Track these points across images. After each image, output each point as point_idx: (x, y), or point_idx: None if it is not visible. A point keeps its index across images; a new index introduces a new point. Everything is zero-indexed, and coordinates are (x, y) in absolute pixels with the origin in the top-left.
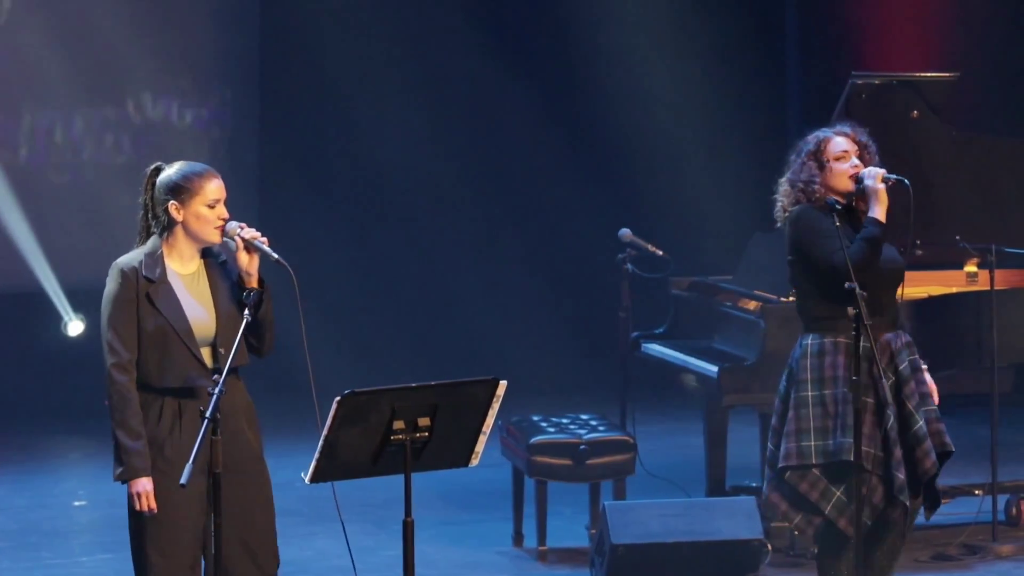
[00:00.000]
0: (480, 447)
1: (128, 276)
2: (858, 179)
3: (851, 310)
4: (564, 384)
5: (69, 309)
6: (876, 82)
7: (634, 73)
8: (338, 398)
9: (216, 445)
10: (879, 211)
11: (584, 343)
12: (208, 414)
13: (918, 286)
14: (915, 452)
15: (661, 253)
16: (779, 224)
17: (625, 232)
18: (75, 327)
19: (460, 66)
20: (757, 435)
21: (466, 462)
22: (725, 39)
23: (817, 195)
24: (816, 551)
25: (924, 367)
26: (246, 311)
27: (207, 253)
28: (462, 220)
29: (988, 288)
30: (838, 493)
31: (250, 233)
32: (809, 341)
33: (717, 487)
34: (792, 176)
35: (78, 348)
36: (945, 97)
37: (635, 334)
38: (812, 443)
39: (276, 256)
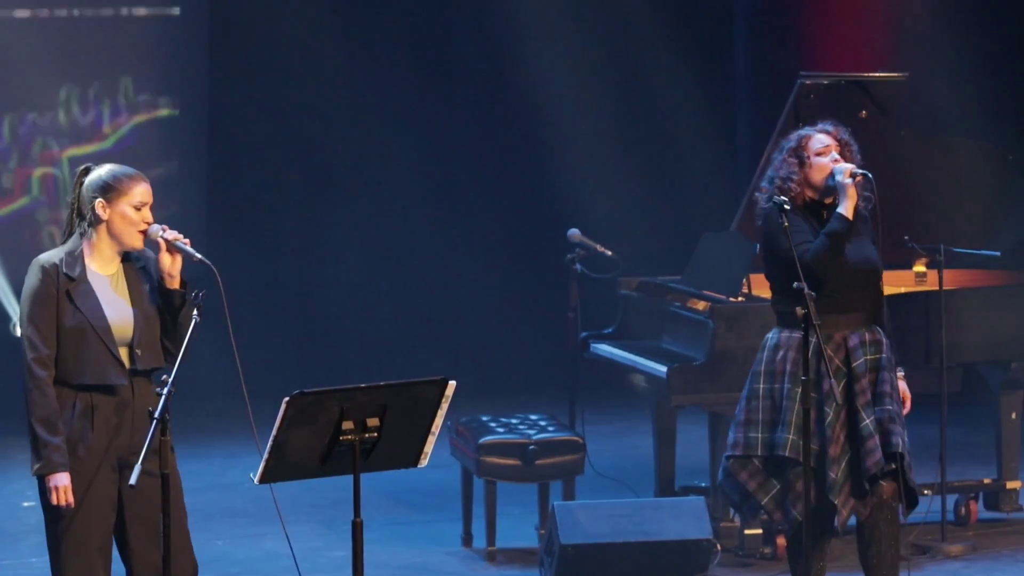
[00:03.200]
0: (429, 447)
1: (48, 272)
2: (830, 174)
3: (799, 309)
4: (513, 384)
5: (18, 309)
6: (825, 82)
7: (582, 73)
8: (287, 398)
9: (165, 446)
10: (846, 206)
11: (533, 343)
12: (157, 414)
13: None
14: (859, 450)
15: (610, 253)
16: (759, 222)
17: (574, 232)
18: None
19: (407, 68)
20: (706, 435)
21: (415, 462)
22: (673, 39)
23: (792, 192)
24: (766, 552)
25: (899, 371)
26: (194, 309)
27: (127, 257)
28: (409, 221)
29: (937, 288)
30: (777, 486)
31: (172, 234)
32: (771, 335)
33: (666, 487)
34: (771, 173)
35: None
36: (894, 97)
37: (584, 334)
38: (759, 435)
39: (199, 256)
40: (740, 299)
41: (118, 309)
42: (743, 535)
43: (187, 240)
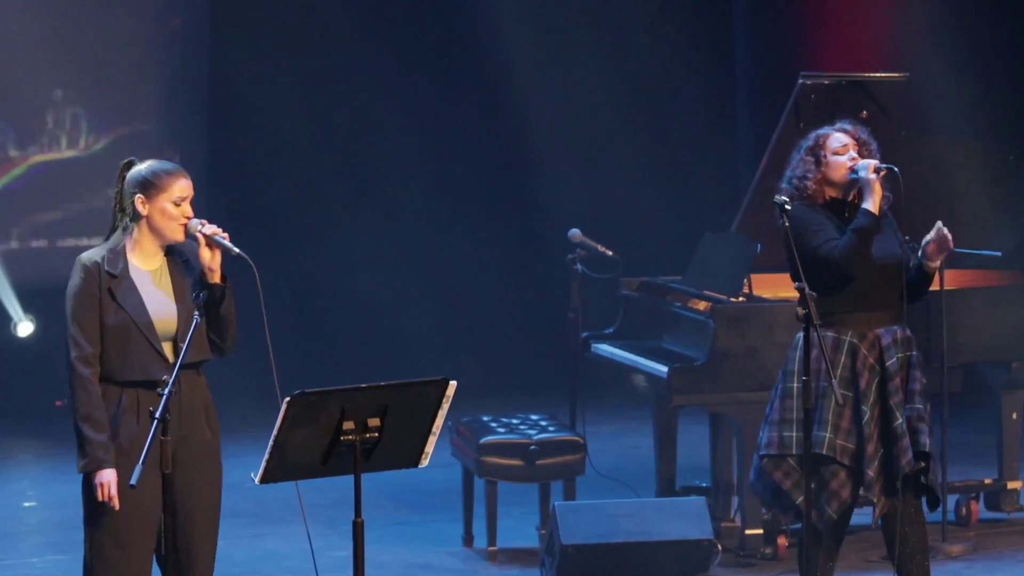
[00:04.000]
0: (430, 448)
1: (90, 271)
2: (853, 171)
3: (800, 310)
4: (514, 384)
5: (19, 309)
6: (825, 82)
7: (583, 73)
8: (287, 399)
9: (165, 445)
10: (871, 202)
11: (534, 343)
12: (157, 414)
13: None
14: (892, 449)
15: (611, 253)
16: (779, 222)
17: (575, 232)
18: (25, 328)
19: (409, 68)
20: (707, 435)
21: (416, 463)
22: (673, 37)
23: (810, 191)
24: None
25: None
26: (196, 310)
27: (170, 251)
28: (410, 221)
29: (938, 288)
30: (812, 485)
31: (211, 229)
32: (801, 334)
33: (667, 487)
34: (789, 172)
35: (28, 349)
36: (894, 97)
37: (585, 334)
38: (793, 434)
39: (237, 250)
40: (741, 299)
41: (161, 304)
42: (743, 535)
43: (226, 235)
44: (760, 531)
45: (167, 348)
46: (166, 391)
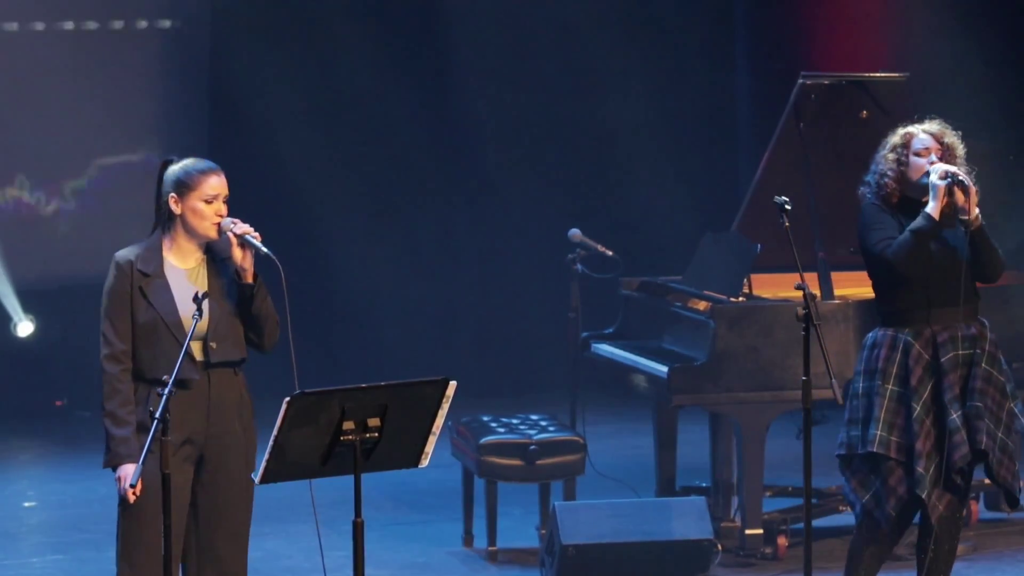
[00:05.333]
0: (430, 447)
1: (123, 269)
2: (926, 174)
3: (800, 310)
4: (514, 384)
5: (19, 309)
6: (825, 82)
7: (583, 72)
8: (287, 399)
9: (166, 446)
10: (933, 206)
11: (534, 343)
12: (157, 414)
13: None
14: (947, 445)
15: (611, 253)
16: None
17: (575, 232)
18: (25, 328)
19: (410, 67)
20: (707, 435)
21: (416, 462)
22: (674, 37)
23: (887, 189)
24: (767, 552)
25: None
26: (195, 310)
27: (211, 249)
28: (410, 221)
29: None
30: (876, 483)
31: (242, 228)
32: (870, 334)
33: (667, 487)
34: (873, 167)
35: (28, 349)
36: (895, 97)
37: (585, 334)
38: (859, 433)
39: (266, 250)
40: (741, 299)
41: (193, 303)
42: (744, 535)
43: (257, 235)
44: (760, 531)
45: (196, 347)
46: (166, 391)
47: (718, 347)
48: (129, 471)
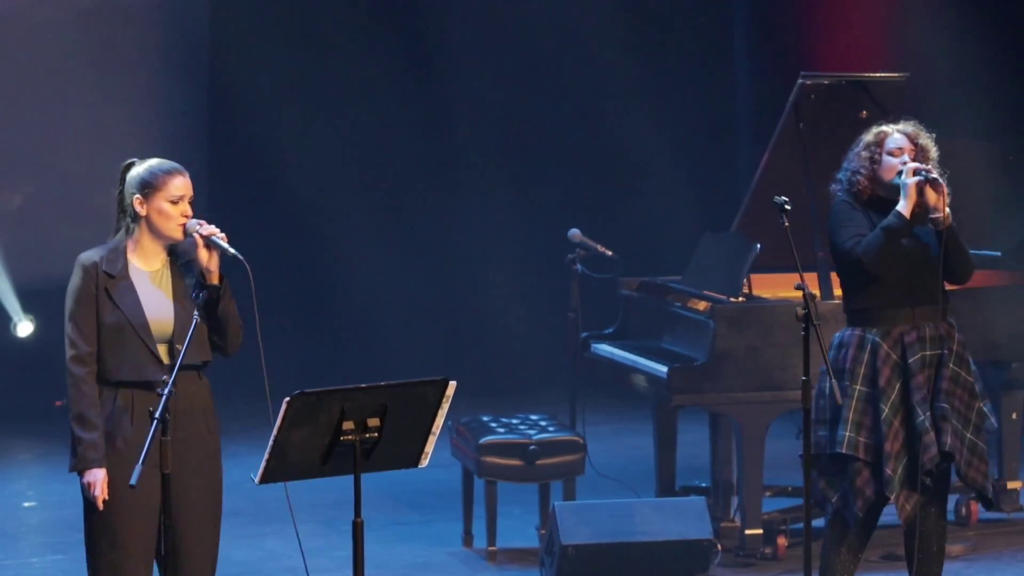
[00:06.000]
0: (430, 447)
1: (88, 271)
2: (898, 174)
3: (800, 310)
4: (514, 384)
5: (19, 309)
6: (825, 82)
7: (584, 72)
8: (287, 398)
9: (165, 446)
10: (904, 204)
11: (534, 343)
12: (157, 414)
13: None
14: (916, 446)
15: (610, 253)
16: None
17: (574, 232)
18: (24, 328)
19: (410, 67)
20: (707, 435)
21: (416, 462)
22: (674, 38)
23: (859, 186)
24: (766, 552)
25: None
26: (195, 310)
27: (174, 251)
28: (410, 221)
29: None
30: (845, 484)
31: (208, 229)
32: (838, 334)
33: (667, 487)
34: (845, 164)
35: (28, 348)
36: (894, 97)
37: (585, 334)
38: (827, 433)
39: (233, 251)
40: (741, 299)
41: (158, 305)
42: (743, 535)
43: (223, 235)
44: (760, 531)
45: (162, 349)
46: (165, 391)
47: (718, 347)
48: (98, 476)
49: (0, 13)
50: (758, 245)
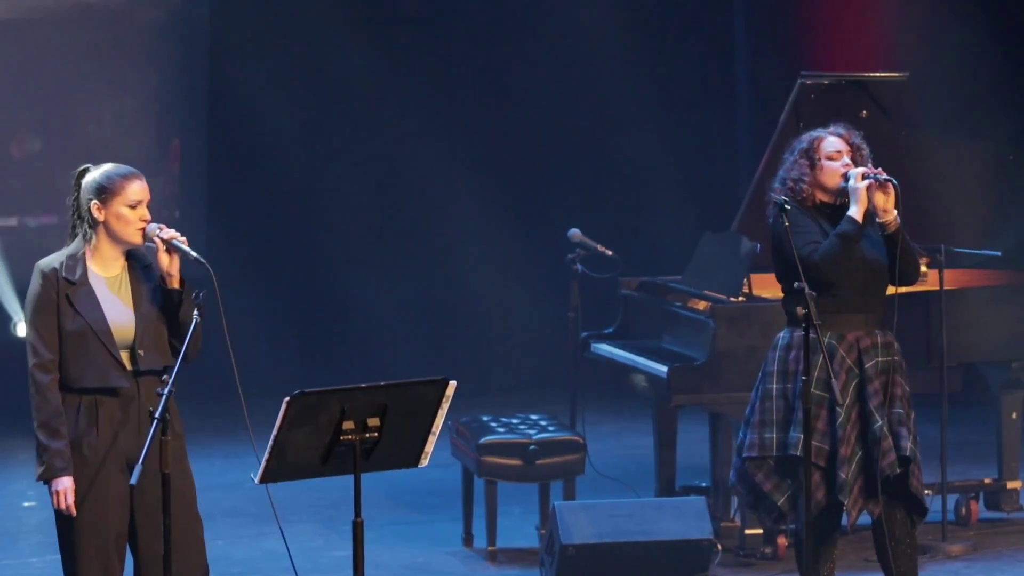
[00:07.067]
0: (430, 447)
1: (48, 278)
2: (844, 177)
3: (800, 309)
4: (514, 384)
5: (19, 309)
6: (825, 82)
7: (583, 72)
8: (287, 398)
9: (165, 446)
10: (856, 209)
11: (534, 343)
12: (157, 414)
13: None
14: (873, 452)
15: (610, 253)
16: (769, 220)
17: (574, 232)
18: (24, 328)
19: (409, 66)
20: (707, 435)
21: (416, 462)
22: (674, 38)
23: (804, 194)
24: (767, 552)
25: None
26: (195, 310)
27: (132, 256)
28: (410, 221)
29: (937, 288)
30: (792, 487)
31: (169, 233)
32: (782, 335)
33: (667, 487)
34: (783, 174)
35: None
36: (894, 97)
37: (584, 334)
38: (774, 435)
39: (195, 255)
40: (740, 299)
41: (119, 311)
42: (743, 535)
43: (184, 239)
44: (760, 531)
45: (124, 355)
46: (166, 391)
47: (718, 347)
48: (66, 484)
49: None
50: (758, 245)
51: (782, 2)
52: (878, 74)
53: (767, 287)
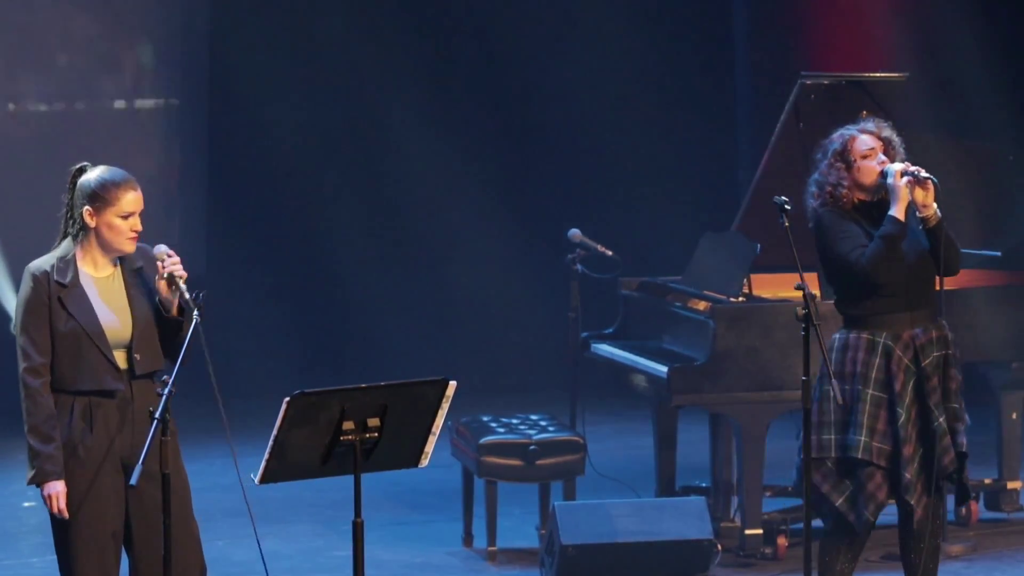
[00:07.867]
0: (430, 447)
1: (40, 280)
2: (882, 174)
3: (800, 310)
4: (514, 385)
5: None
6: (825, 82)
7: (583, 72)
8: (287, 398)
9: (165, 446)
10: (898, 208)
11: (534, 343)
12: (157, 414)
13: None
14: (934, 449)
15: (610, 253)
16: (810, 225)
17: (574, 232)
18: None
19: (409, 66)
20: (707, 435)
21: (416, 462)
22: (673, 37)
23: (844, 198)
24: (767, 552)
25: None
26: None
27: (123, 258)
28: (410, 221)
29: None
30: (850, 488)
31: (171, 264)
32: (838, 336)
33: (667, 487)
34: (820, 178)
35: None
36: (894, 97)
37: (585, 334)
38: (832, 436)
39: (188, 296)
40: (741, 299)
41: (112, 313)
42: (743, 535)
43: (183, 273)
44: (760, 531)
45: (119, 356)
46: (166, 391)
47: (718, 347)
48: (57, 488)
49: None
50: (758, 245)
51: (781, 2)
52: (878, 74)
53: (767, 287)
